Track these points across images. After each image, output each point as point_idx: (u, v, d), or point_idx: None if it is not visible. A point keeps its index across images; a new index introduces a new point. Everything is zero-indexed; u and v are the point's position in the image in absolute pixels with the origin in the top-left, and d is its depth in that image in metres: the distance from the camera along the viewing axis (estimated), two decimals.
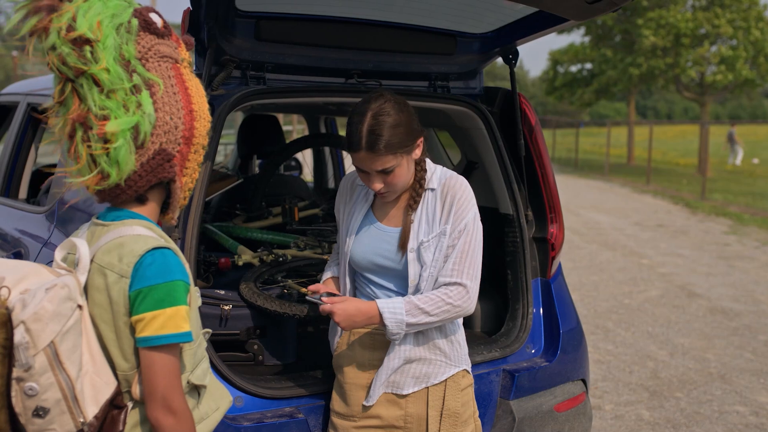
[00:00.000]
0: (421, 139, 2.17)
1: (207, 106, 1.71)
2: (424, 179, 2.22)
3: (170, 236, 1.99)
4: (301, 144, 4.34)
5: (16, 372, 1.48)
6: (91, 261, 1.60)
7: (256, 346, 2.69)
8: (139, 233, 1.61)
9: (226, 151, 14.24)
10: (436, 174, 2.24)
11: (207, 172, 2.35)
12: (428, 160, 2.27)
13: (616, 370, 5.37)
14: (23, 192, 3.61)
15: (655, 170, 21.89)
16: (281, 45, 2.56)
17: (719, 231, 12.01)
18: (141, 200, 1.66)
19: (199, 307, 1.76)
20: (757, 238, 11.30)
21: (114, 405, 1.59)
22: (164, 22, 1.64)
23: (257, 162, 5.42)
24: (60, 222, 2.76)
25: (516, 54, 2.95)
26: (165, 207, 1.71)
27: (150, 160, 1.59)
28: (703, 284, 8.15)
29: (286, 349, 2.76)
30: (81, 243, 1.60)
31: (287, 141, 4.57)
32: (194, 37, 2.09)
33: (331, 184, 5.59)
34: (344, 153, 5.79)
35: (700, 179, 18.03)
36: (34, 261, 2.73)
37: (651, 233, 11.67)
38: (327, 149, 5.86)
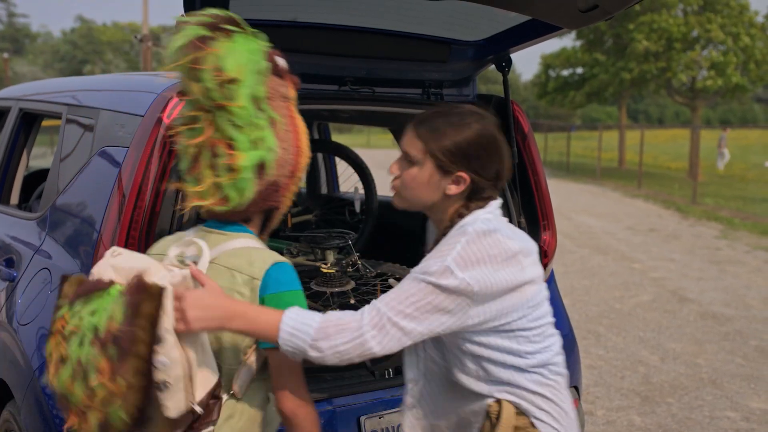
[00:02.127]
0: (464, 175, 1.80)
1: (308, 142, 1.87)
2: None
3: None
4: None
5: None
6: (211, 262, 1.74)
7: None
8: (259, 246, 1.80)
9: None
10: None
11: None
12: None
13: (607, 375, 5.38)
14: (15, 197, 3.60)
15: (646, 174, 21.96)
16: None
17: (710, 235, 12.06)
18: (246, 220, 1.84)
19: None
20: (747, 243, 11.35)
21: (213, 395, 1.71)
22: (284, 64, 1.83)
23: None
24: (52, 228, 2.75)
25: (509, 62, 2.96)
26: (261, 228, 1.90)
27: (264, 189, 1.77)
28: (695, 289, 8.19)
29: None
30: (204, 245, 1.76)
31: None
32: None
33: (324, 190, 5.58)
34: (337, 159, 5.78)
35: (691, 183, 18.10)
36: (26, 268, 2.73)
37: (642, 237, 11.71)
38: (320, 155, 5.85)
